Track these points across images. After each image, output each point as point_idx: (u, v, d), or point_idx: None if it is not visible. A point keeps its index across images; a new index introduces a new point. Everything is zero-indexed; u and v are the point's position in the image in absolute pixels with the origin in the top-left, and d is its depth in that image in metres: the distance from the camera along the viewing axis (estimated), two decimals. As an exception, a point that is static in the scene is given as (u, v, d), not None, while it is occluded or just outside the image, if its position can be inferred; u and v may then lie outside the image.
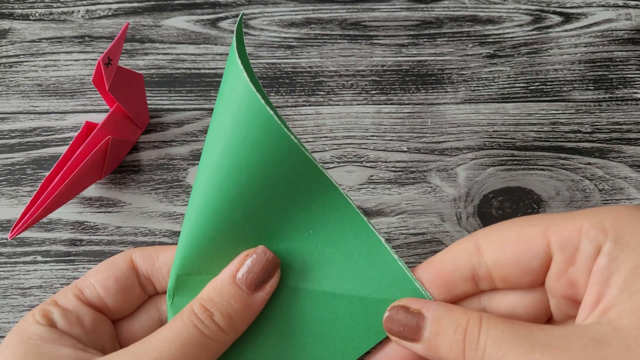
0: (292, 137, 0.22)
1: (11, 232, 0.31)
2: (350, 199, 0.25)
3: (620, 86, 0.39)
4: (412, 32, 0.40)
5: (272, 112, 0.22)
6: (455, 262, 0.24)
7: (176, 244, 0.35)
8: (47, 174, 0.33)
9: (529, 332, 0.21)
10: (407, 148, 0.37)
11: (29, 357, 0.22)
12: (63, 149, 0.37)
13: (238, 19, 0.24)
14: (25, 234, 0.35)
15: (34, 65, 0.39)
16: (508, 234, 0.23)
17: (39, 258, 0.35)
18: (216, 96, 0.39)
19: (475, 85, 0.39)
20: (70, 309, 0.25)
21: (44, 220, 0.35)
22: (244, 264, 0.24)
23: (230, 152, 0.23)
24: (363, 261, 0.25)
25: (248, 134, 0.23)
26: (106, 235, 0.35)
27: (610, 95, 0.38)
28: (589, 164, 0.36)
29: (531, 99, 0.38)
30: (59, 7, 0.41)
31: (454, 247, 0.24)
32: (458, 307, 0.23)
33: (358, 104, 0.38)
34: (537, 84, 0.39)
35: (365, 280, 0.25)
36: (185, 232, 0.25)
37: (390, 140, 0.37)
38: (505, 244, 0.23)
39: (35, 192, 0.32)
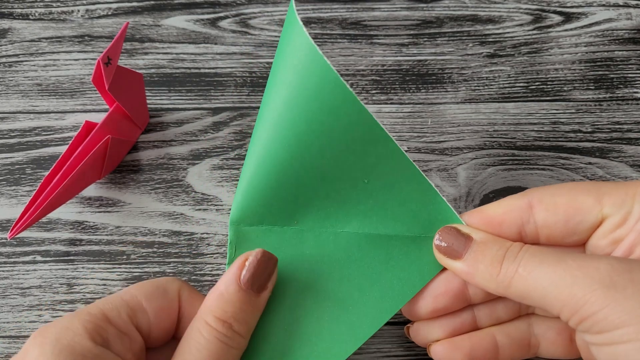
0: (349, 88, 0.24)
1: (10, 232, 0.31)
2: (403, 150, 0.26)
3: (621, 86, 0.39)
4: (412, 32, 0.40)
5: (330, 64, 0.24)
6: (505, 214, 0.25)
7: (176, 243, 0.35)
8: (46, 173, 0.33)
9: (562, 252, 0.23)
10: (408, 148, 0.37)
11: None
12: (62, 149, 0.37)
13: None
14: (25, 233, 0.35)
15: (34, 65, 0.39)
16: (562, 198, 0.25)
17: (39, 258, 0.34)
18: (216, 96, 0.38)
19: (475, 84, 0.39)
20: (125, 331, 0.23)
21: (44, 220, 0.35)
22: (245, 268, 0.24)
23: (290, 103, 0.24)
24: (415, 205, 0.27)
25: (308, 84, 0.24)
26: (106, 235, 0.35)
27: (611, 95, 0.38)
28: (590, 163, 0.36)
29: (532, 98, 0.38)
30: (58, 6, 0.41)
31: (507, 200, 0.26)
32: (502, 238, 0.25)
33: (358, 104, 0.38)
34: (537, 83, 0.39)
35: (418, 222, 0.27)
36: (244, 183, 0.26)
37: (391, 139, 0.37)
38: (558, 207, 0.25)
39: (34, 191, 0.32)
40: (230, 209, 0.35)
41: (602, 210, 0.24)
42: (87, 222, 0.35)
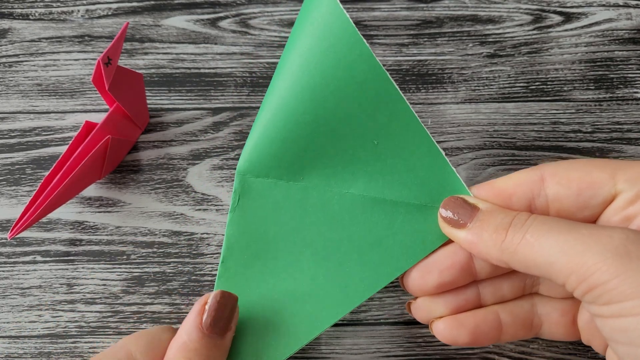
0: (366, 44, 0.24)
1: (10, 232, 0.31)
2: (416, 115, 0.26)
3: (621, 86, 0.39)
4: (412, 32, 0.40)
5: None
6: (516, 187, 0.25)
7: (176, 243, 0.35)
8: (46, 173, 0.33)
9: (573, 222, 0.22)
10: (408, 148, 0.37)
11: None
12: (62, 149, 0.37)
13: None
14: (25, 233, 0.35)
15: (34, 65, 0.39)
16: (575, 172, 0.24)
17: (39, 258, 0.34)
18: (216, 96, 0.38)
19: (475, 84, 0.39)
20: None
21: (44, 220, 0.35)
22: (206, 312, 0.23)
23: (308, 56, 0.25)
24: (424, 172, 0.26)
25: (326, 38, 0.24)
26: (106, 235, 0.35)
27: (611, 95, 0.38)
28: (590, 163, 0.36)
29: (532, 98, 0.38)
30: (58, 6, 0.41)
31: (519, 173, 0.25)
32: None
33: (358, 104, 0.38)
34: (537, 83, 0.39)
35: (425, 190, 0.26)
36: (255, 134, 0.26)
37: (391, 140, 0.37)
38: (570, 181, 0.24)
39: (34, 191, 0.32)
40: (230, 209, 0.35)
41: (616, 185, 0.23)
42: (87, 222, 0.35)
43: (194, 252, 0.34)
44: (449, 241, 0.26)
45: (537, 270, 0.22)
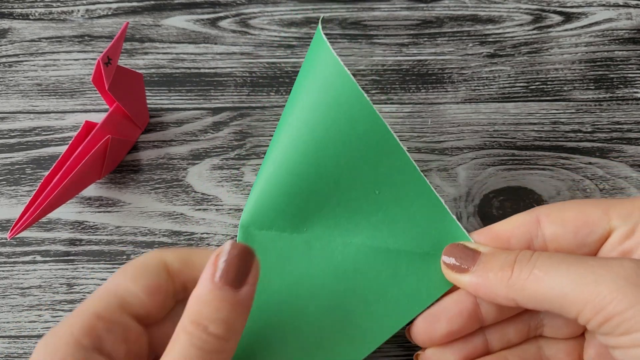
0: (367, 98, 0.25)
1: (10, 232, 0.31)
2: (416, 164, 0.26)
3: (621, 86, 0.39)
4: (412, 32, 0.40)
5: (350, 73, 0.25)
6: (514, 230, 0.25)
7: (176, 243, 0.35)
8: (46, 173, 0.33)
9: (580, 255, 0.23)
10: (408, 148, 0.37)
11: None
12: (62, 149, 0.37)
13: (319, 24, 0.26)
14: (25, 233, 0.35)
15: (34, 65, 0.39)
16: (570, 212, 0.25)
17: (39, 258, 0.34)
18: (216, 96, 0.38)
19: (475, 84, 0.39)
20: (118, 323, 0.22)
21: (44, 220, 0.35)
22: (218, 265, 0.22)
23: (309, 109, 0.25)
24: (425, 221, 0.27)
25: (329, 92, 0.25)
26: (106, 235, 0.35)
27: (611, 95, 0.38)
28: (590, 163, 0.36)
29: (532, 98, 0.38)
30: (58, 6, 0.41)
31: (514, 217, 0.26)
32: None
33: (358, 104, 0.38)
34: (537, 83, 0.39)
35: (427, 238, 0.27)
36: (259, 185, 0.26)
37: (391, 139, 0.37)
38: (566, 221, 0.25)
39: (34, 191, 0.32)
40: (230, 209, 0.35)
41: (610, 222, 0.24)
42: (87, 222, 0.35)
43: (194, 252, 0.34)
44: (453, 288, 0.27)
45: (549, 304, 0.22)
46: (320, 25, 0.26)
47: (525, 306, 0.23)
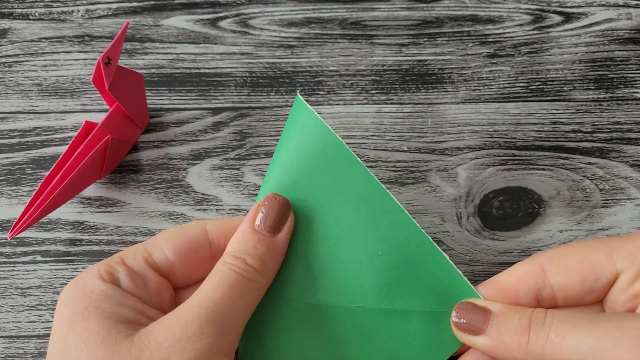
0: (360, 161, 0.26)
1: (11, 232, 0.31)
2: (414, 220, 0.26)
3: (621, 86, 0.39)
4: (412, 32, 0.40)
5: (340, 138, 0.26)
6: (520, 282, 0.25)
7: (176, 243, 0.35)
8: (46, 173, 0.33)
9: (592, 313, 0.23)
10: (408, 148, 0.37)
11: (89, 310, 0.23)
12: (63, 149, 0.37)
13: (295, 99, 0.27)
14: (25, 233, 0.35)
15: (34, 65, 0.39)
16: (573, 259, 0.25)
17: (39, 258, 0.34)
18: (216, 96, 0.38)
19: (475, 84, 0.39)
20: (137, 270, 0.25)
21: (44, 220, 0.35)
22: (258, 213, 0.25)
23: (305, 177, 0.26)
24: (431, 278, 0.26)
25: (322, 159, 0.26)
26: (106, 235, 0.35)
27: (611, 95, 0.38)
28: (590, 163, 0.36)
29: (532, 98, 0.38)
30: (58, 6, 0.41)
31: (518, 267, 0.26)
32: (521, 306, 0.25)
33: (358, 104, 0.38)
34: (537, 83, 0.39)
35: (434, 296, 0.26)
36: None
37: (391, 140, 0.37)
38: (571, 269, 0.25)
39: (34, 191, 0.32)
40: (230, 209, 0.35)
41: (615, 265, 0.24)
42: (87, 222, 0.35)
43: (194, 252, 0.34)
44: (464, 347, 0.26)
45: None
46: (299, 94, 0.27)
47: None
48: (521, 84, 0.39)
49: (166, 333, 0.22)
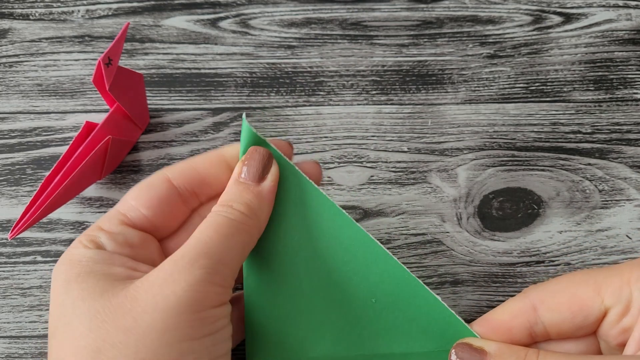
0: (346, 215, 0.26)
1: (11, 232, 0.31)
2: (404, 266, 0.27)
3: (621, 87, 0.39)
4: (412, 32, 0.40)
5: (325, 194, 0.26)
6: (513, 319, 0.26)
7: (176, 244, 0.35)
8: (47, 174, 0.33)
9: (581, 357, 0.24)
10: (408, 148, 0.37)
11: (82, 277, 0.23)
12: (63, 149, 0.37)
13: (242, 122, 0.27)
14: (25, 234, 0.35)
15: (34, 65, 0.39)
16: (562, 297, 0.26)
17: (39, 258, 0.35)
18: (216, 96, 0.39)
19: (475, 85, 0.39)
20: (117, 232, 0.25)
21: (44, 220, 0.35)
22: (242, 168, 0.26)
23: (290, 233, 0.26)
24: (424, 320, 0.27)
25: (303, 213, 0.26)
26: (106, 235, 0.35)
27: (611, 96, 0.38)
28: (589, 164, 0.36)
29: (531, 99, 0.38)
30: (59, 6, 0.41)
31: (511, 304, 0.27)
32: (516, 345, 0.26)
33: (358, 104, 0.38)
34: (537, 84, 0.39)
35: (430, 337, 0.27)
36: (254, 323, 0.27)
37: (391, 140, 0.37)
38: (561, 307, 0.26)
39: (35, 192, 0.32)
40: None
41: (604, 302, 0.25)
42: (87, 222, 0.35)
43: (194, 252, 0.34)
44: None
45: None
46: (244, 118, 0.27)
47: None
48: (521, 85, 0.39)
49: (158, 272, 0.23)
